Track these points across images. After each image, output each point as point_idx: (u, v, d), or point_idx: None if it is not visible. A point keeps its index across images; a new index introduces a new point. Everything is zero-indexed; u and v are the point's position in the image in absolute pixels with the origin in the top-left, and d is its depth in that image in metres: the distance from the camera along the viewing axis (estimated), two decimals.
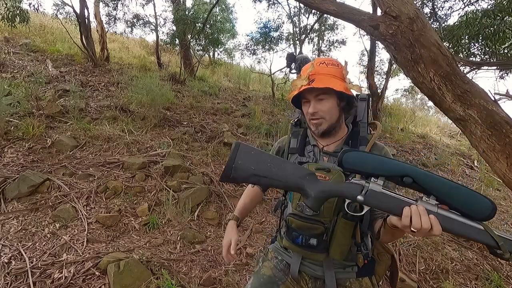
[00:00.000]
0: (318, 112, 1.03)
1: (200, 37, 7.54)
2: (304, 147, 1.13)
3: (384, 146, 1.10)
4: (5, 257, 2.01)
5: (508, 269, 2.78)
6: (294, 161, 1.10)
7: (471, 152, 6.44)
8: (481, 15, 3.38)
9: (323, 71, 1.03)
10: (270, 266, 1.16)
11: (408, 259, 2.67)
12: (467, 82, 1.63)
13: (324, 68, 1.04)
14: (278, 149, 1.23)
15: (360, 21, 1.94)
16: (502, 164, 1.52)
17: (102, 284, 1.91)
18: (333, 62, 1.06)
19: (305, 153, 1.12)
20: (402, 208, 0.74)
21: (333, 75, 1.03)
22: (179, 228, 2.61)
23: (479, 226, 0.72)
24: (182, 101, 5.69)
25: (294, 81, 1.05)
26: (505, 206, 4.25)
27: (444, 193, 0.75)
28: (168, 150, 3.66)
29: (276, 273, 1.13)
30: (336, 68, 1.05)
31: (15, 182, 2.60)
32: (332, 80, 1.02)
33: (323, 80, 1.00)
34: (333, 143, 1.10)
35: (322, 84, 0.99)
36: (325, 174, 0.97)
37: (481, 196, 0.72)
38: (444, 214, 0.73)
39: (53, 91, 4.45)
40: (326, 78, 1.02)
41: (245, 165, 0.82)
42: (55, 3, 7.06)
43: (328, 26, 8.38)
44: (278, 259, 1.17)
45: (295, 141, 1.16)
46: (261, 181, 0.84)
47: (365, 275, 1.06)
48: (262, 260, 1.21)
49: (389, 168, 0.77)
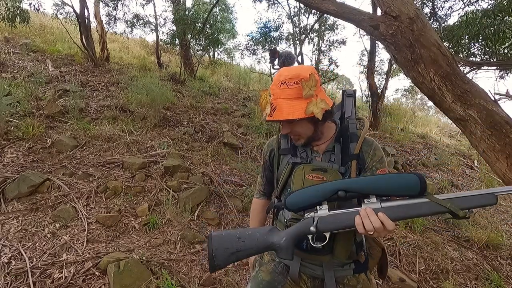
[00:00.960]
0: (292, 131, 1.03)
1: (200, 37, 7.54)
2: (296, 147, 1.11)
3: (373, 140, 1.07)
4: (5, 257, 2.00)
5: (508, 269, 2.79)
6: (288, 162, 1.09)
7: (471, 152, 6.44)
8: (481, 15, 3.38)
9: (284, 95, 0.96)
10: (268, 271, 1.14)
11: (408, 259, 2.67)
12: (467, 82, 1.63)
13: (285, 90, 0.96)
14: (270, 152, 1.21)
15: (360, 21, 1.94)
16: (502, 164, 1.52)
17: (102, 284, 1.91)
18: (294, 79, 0.95)
19: (297, 153, 1.10)
20: (353, 219, 0.79)
21: (295, 97, 0.96)
22: (179, 228, 2.61)
23: (424, 199, 0.75)
24: (182, 101, 5.69)
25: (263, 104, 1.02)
26: (505, 206, 4.25)
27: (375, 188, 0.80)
28: (168, 150, 3.66)
29: (275, 276, 1.12)
30: (298, 87, 0.95)
31: (15, 182, 2.60)
32: (294, 104, 0.95)
33: (282, 109, 0.95)
34: (323, 143, 1.09)
35: (282, 116, 0.95)
36: (322, 174, 0.98)
37: (405, 174, 0.78)
38: (388, 205, 0.77)
39: (53, 91, 4.44)
40: (287, 104, 0.95)
41: (221, 250, 0.88)
42: (55, 3, 7.06)
43: (328, 26, 8.37)
44: (276, 261, 1.15)
45: (285, 141, 1.13)
46: (239, 256, 0.89)
47: (362, 271, 1.08)
48: (258, 264, 1.19)
49: (323, 191, 0.85)
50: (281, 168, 1.12)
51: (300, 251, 1.01)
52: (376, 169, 1.03)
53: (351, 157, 1.01)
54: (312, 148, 1.09)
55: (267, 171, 1.26)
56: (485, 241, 3.01)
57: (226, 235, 0.92)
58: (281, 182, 1.11)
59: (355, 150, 1.02)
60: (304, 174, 1.01)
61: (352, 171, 1.01)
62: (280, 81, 0.97)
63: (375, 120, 6.71)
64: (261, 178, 1.31)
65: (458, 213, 0.73)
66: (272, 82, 1.05)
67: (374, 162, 1.03)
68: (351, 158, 1.01)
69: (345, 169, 1.02)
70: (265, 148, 1.25)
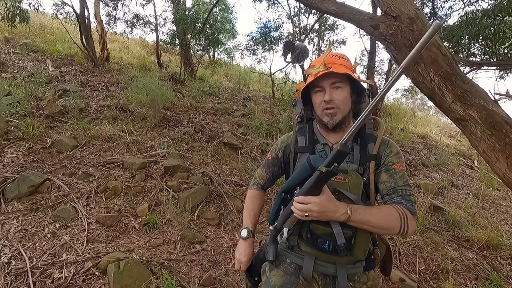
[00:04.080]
0: (334, 100, 1.00)
1: (200, 37, 7.54)
2: (314, 145, 1.09)
3: (389, 139, 1.09)
4: (5, 257, 2.00)
5: (508, 269, 2.79)
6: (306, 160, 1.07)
7: (471, 152, 6.44)
8: (481, 15, 3.37)
9: (338, 62, 1.01)
10: (279, 274, 1.08)
11: (408, 259, 2.67)
12: (467, 82, 1.63)
13: (337, 59, 1.02)
14: (284, 149, 1.18)
15: (360, 21, 1.94)
16: (502, 164, 1.52)
17: (102, 284, 1.91)
18: (344, 56, 1.05)
19: (315, 151, 1.08)
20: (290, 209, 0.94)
21: (346, 66, 1.02)
22: (179, 228, 2.61)
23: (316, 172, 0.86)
24: (182, 101, 5.68)
25: (309, 69, 1.02)
26: (505, 206, 4.25)
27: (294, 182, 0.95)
28: (168, 150, 3.66)
29: (287, 279, 1.07)
30: (348, 61, 1.05)
31: (15, 182, 2.60)
32: (347, 70, 1.01)
33: (340, 68, 0.99)
34: None
35: (340, 70, 0.97)
36: (344, 176, 0.98)
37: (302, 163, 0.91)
38: (302, 188, 0.90)
39: (53, 91, 4.45)
40: (343, 67, 1.00)
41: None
42: (55, 3, 7.07)
43: (328, 26, 8.38)
44: (287, 262, 1.11)
45: (302, 139, 1.11)
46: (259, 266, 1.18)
47: (371, 268, 1.09)
48: (269, 269, 1.12)
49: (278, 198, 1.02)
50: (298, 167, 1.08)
51: (320, 252, 0.99)
52: (392, 164, 1.03)
53: (370, 158, 1.03)
54: (331, 147, 1.07)
55: (276, 167, 1.23)
56: (485, 241, 3.01)
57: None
58: None
59: (373, 150, 1.03)
60: None
61: (370, 171, 1.02)
62: (331, 54, 1.03)
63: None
64: (265, 173, 1.27)
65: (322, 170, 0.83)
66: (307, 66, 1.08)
67: (389, 157, 1.04)
68: (369, 158, 1.03)
69: (363, 169, 1.03)
70: (279, 143, 1.21)
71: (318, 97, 1.03)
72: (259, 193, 1.30)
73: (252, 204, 1.27)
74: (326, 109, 1.01)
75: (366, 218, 0.91)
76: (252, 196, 1.29)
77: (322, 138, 1.10)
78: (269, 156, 1.25)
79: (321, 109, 1.03)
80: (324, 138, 1.10)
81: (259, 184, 1.31)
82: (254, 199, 1.28)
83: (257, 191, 1.31)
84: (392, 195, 1.01)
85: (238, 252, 1.18)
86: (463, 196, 4.39)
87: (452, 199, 4.16)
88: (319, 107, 1.04)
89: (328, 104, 1.00)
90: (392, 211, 0.94)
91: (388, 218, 0.93)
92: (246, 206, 1.27)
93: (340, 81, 1.00)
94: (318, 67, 0.99)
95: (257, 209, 1.26)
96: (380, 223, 0.92)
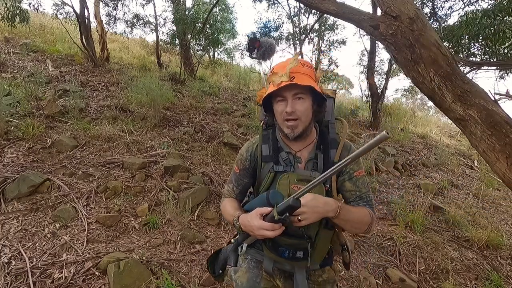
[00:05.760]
0: (296, 111, 0.99)
1: (200, 37, 7.54)
2: (278, 153, 1.08)
3: (351, 144, 1.10)
4: (5, 257, 2.00)
5: (508, 269, 2.79)
6: (270, 170, 1.06)
7: (471, 152, 6.44)
8: (481, 15, 3.37)
9: (301, 70, 0.99)
10: (243, 272, 1.13)
11: (408, 259, 2.67)
12: (467, 82, 1.63)
13: (301, 68, 1.00)
14: (250, 157, 1.14)
15: (360, 21, 1.94)
16: (502, 164, 1.52)
17: (102, 284, 1.91)
18: (307, 63, 1.03)
19: (279, 160, 1.07)
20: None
21: (309, 75, 1.01)
22: (179, 228, 2.61)
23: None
24: (182, 101, 5.69)
25: (271, 76, 1.01)
26: (505, 206, 4.25)
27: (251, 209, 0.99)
28: (168, 150, 3.66)
29: (251, 273, 1.12)
30: (311, 69, 1.03)
31: (15, 182, 2.60)
32: (310, 80, 0.99)
33: (303, 78, 0.97)
34: (305, 147, 1.08)
35: (303, 82, 0.96)
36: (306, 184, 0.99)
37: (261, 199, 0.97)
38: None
39: (53, 91, 4.44)
40: (306, 77, 0.98)
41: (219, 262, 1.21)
42: (55, 3, 7.02)
43: (328, 26, 8.38)
44: (248, 258, 1.17)
45: (266, 147, 1.09)
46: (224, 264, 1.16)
47: (327, 265, 1.17)
48: (234, 272, 1.16)
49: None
50: (262, 176, 1.10)
51: (281, 258, 1.05)
52: (353, 171, 1.06)
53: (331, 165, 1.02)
54: (295, 155, 1.08)
55: (246, 179, 1.17)
56: (485, 241, 3.01)
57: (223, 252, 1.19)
58: (261, 191, 1.08)
59: (335, 157, 1.04)
60: (289, 184, 1.01)
61: (332, 179, 1.04)
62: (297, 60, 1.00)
63: (375, 120, 6.71)
64: (235, 187, 1.20)
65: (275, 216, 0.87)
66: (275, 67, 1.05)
67: (351, 165, 1.05)
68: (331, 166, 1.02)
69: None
70: (243, 153, 1.16)
71: (280, 106, 1.02)
72: (234, 199, 1.23)
73: (232, 203, 1.19)
74: (287, 120, 1.00)
75: (350, 216, 0.97)
76: (228, 201, 1.21)
77: (285, 146, 1.09)
78: (235, 170, 1.19)
79: (282, 119, 1.02)
80: (288, 146, 1.09)
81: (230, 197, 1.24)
82: (231, 201, 1.20)
83: (231, 198, 1.23)
84: (358, 201, 1.07)
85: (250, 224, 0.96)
86: (463, 196, 4.40)
87: (452, 199, 4.17)
88: (280, 116, 1.02)
89: (290, 115, 0.99)
90: (365, 213, 1.02)
91: (363, 218, 1.01)
92: (225, 209, 1.18)
93: (302, 92, 0.99)
94: (281, 75, 0.97)
95: (238, 206, 1.17)
96: (357, 222, 0.99)
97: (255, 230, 0.92)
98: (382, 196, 3.85)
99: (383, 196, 3.85)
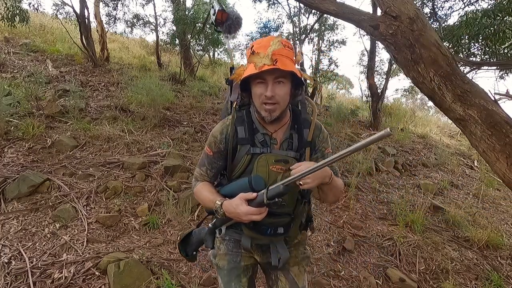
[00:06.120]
0: (275, 96, 0.98)
1: (200, 37, 7.53)
2: (254, 135, 1.07)
3: (320, 124, 1.14)
4: (5, 257, 2.00)
5: (508, 269, 2.79)
6: (247, 152, 1.05)
7: (471, 152, 6.44)
8: (481, 15, 3.37)
9: (284, 53, 0.96)
10: (223, 255, 1.19)
11: (408, 259, 2.67)
12: (467, 82, 1.63)
13: (283, 50, 0.96)
14: (225, 140, 1.09)
15: (360, 21, 1.95)
16: (502, 164, 1.52)
17: (102, 284, 1.91)
18: (289, 44, 1.00)
19: (256, 142, 1.06)
20: None
21: (291, 58, 0.99)
22: (179, 228, 2.61)
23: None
24: (182, 101, 5.69)
25: (252, 57, 0.97)
26: (505, 206, 4.25)
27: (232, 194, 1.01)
28: (168, 150, 3.66)
29: (230, 256, 1.18)
30: (292, 52, 1.00)
31: (15, 182, 2.60)
32: (292, 64, 0.98)
33: (285, 63, 0.95)
34: (280, 128, 1.09)
35: (286, 67, 0.94)
36: (284, 165, 1.01)
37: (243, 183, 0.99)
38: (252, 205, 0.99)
39: (53, 91, 4.44)
40: (288, 61, 0.96)
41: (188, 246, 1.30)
42: (55, 3, 7.02)
43: (328, 26, 8.38)
44: (226, 239, 1.21)
45: (242, 129, 1.07)
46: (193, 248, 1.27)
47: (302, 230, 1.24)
48: (213, 256, 1.24)
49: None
50: (238, 158, 1.07)
51: (262, 236, 1.08)
52: (325, 149, 1.13)
53: (306, 144, 1.08)
54: (271, 136, 1.08)
55: (220, 161, 1.13)
56: (485, 241, 3.01)
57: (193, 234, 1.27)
58: (237, 173, 1.08)
59: (308, 137, 1.08)
60: (267, 165, 1.01)
61: (306, 157, 1.07)
62: (280, 42, 0.97)
63: (375, 120, 6.71)
64: (208, 171, 1.16)
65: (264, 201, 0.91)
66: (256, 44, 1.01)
67: (323, 143, 1.13)
68: (305, 145, 1.08)
69: (300, 155, 1.08)
70: (217, 136, 1.10)
71: (259, 88, 1.00)
72: (208, 183, 1.18)
73: (208, 187, 1.14)
74: (265, 103, 1.00)
75: (336, 183, 1.04)
76: (203, 185, 1.16)
77: (261, 127, 1.09)
78: (208, 152, 1.13)
79: (260, 102, 1.01)
80: (264, 127, 1.08)
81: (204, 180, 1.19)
82: (206, 185, 1.15)
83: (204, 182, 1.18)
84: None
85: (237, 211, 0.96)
86: (463, 196, 4.40)
87: (452, 199, 4.17)
88: (259, 99, 1.01)
89: (269, 99, 0.98)
90: (341, 182, 1.11)
91: (341, 186, 1.10)
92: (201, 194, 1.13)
93: (283, 76, 0.98)
94: (262, 57, 0.94)
95: (214, 190, 1.13)
96: (338, 189, 1.07)
97: (242, 216, 0.94)
98: (382, 196, 3.85)
99: (383, 196, 3.85)
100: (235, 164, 1.09)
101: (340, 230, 2.97)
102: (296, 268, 1.20)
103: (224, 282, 1.18)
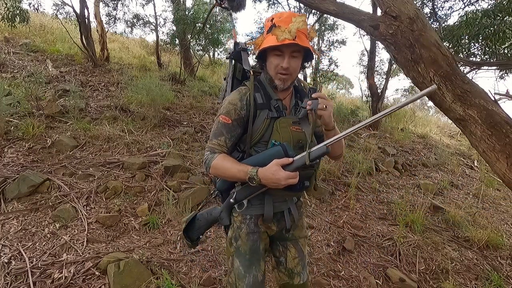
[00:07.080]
0: (289, 68, 1.09)
1: (200, 37, 7.53)
2: (269, 101, 1.17)
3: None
4: (5, 257, 2.00)
5: (508, 269, 2.79)
6: (266, 116, 1.14)
7: (471, 152, 6.45)
8: (481, 15, 3.37)
9: (303, 30, 1.07)
10: (243, 237, 1.21)
11: (408, 259, 2.67)
12: (467, 82, 1.63)
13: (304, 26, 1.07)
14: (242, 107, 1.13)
15: (360, 21, 1.94)
16: (502, 164, 1.52)
17: (102, 284, 1.91)
18: (305, 20, 1.09)
19: (271, 107, 1.15)
20: None
21: (306, 35, 1.10)
22: (179, 228, 2.61)
23: None
24: (182, 101, 5.69)
25: (275, 30, 1.06)
26: (505, 206, 4.25)
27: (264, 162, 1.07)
28: (168, 150, 3.66)
29: (251, 237, 1.21)
30: (307, 28, 1.10)
31: (15, 182, 2.60)
32: (307, 40, 1.09)
33: (303, 39, 1.06)
34: (287, 96, 1.22)
35: (304, 43, 1.05)
36: (299, 126, 1.13)
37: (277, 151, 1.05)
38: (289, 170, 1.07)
39: (53, 91, 4.44)
40: (305, 38, 1.08)
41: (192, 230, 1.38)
42: (55, 3, 7.04)
43: (328, 26, 8.38)
44: (247, 218, 1.22)
45: (259, 95, 1.16)
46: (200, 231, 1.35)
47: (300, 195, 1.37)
48: (234, 239, 1.22)
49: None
50: (258, 123, 1.14)
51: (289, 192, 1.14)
52: None
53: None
54: (282, 102, 1.19)
55: (240, 129, 1.15)
56: (485, 241, 3.01)
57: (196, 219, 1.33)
58: (256, 138, 1.15)
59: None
60: (288, 126, 1.12)
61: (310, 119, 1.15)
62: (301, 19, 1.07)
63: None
64: (228, 140, 1.15)
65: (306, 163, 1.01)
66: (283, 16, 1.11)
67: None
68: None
69: None
70: (237, 103, 1.13)
71: (276, 59, 1.10)
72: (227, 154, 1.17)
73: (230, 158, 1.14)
74: (280, 73, 1.11)
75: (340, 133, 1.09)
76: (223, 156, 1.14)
77: (273, 94, 1.19)
78: (227, 120, 1.13)
79: (275, 72, 1.12)
80: (276, 94, 1.19)
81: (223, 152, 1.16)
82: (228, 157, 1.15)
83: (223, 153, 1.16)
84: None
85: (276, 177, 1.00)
86: (463, 196, 4.40)
87: (452, 199, 4.17)
88: (274, 69, 1.12)
89: (285, 70, 1.10)
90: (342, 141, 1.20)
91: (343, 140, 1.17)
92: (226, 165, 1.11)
93: (299, 51, 1.09)
94: (283, 31, 1.04)
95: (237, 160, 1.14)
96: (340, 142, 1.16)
97: (282, 181, 1.00)
98: (382, 196, 3.85)
99: (383, 196, 3.85)
100: (254, 129, 1.15)
101: (340, 230, 2.97)
102: (303, 240, 1.34)
103: (245, 266, 1.19)
